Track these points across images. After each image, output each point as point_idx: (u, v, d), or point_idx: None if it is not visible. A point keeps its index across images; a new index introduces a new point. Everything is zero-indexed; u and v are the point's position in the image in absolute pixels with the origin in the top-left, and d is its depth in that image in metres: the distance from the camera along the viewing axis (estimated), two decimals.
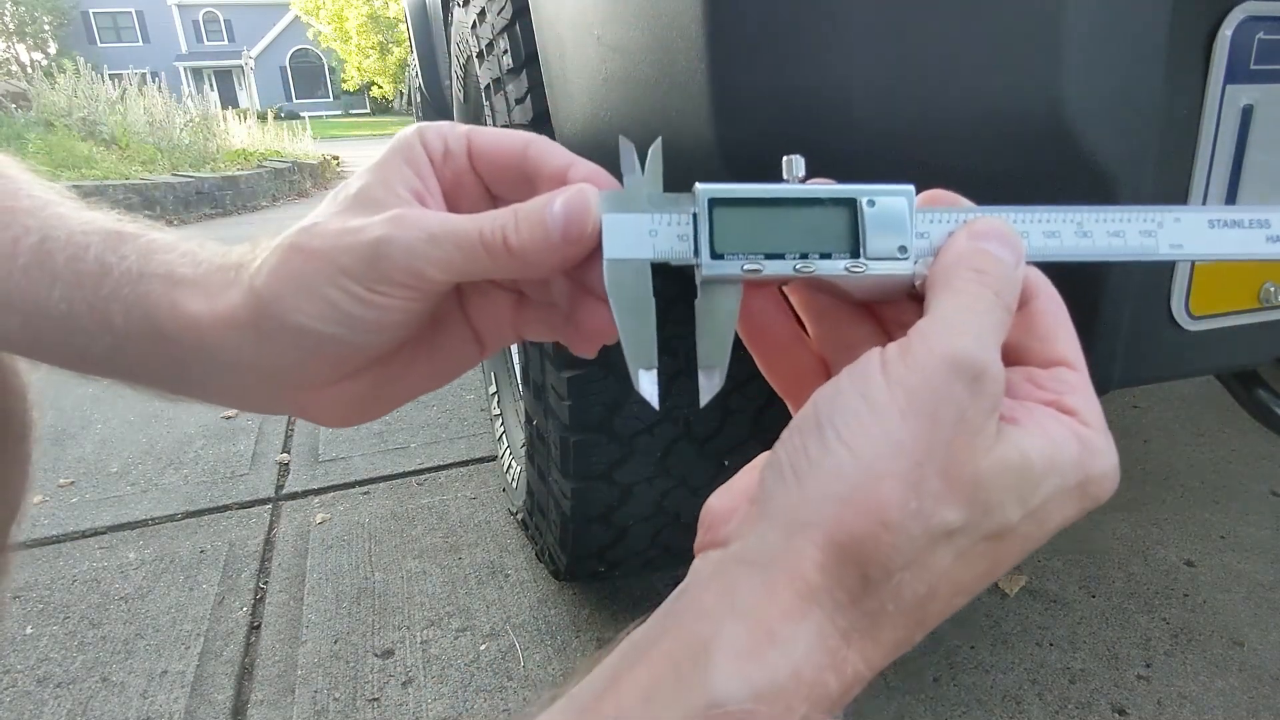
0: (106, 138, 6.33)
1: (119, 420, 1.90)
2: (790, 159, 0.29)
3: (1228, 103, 0.46)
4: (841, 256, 0.28)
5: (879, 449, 0.23)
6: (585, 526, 0.95)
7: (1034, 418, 0.25)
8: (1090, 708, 0.95)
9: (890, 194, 0.28)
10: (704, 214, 0.28)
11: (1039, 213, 0.29)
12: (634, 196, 0.28)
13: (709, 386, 0.29)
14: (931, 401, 0.23)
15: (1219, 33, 0.44)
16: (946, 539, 0.23)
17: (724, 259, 0.27)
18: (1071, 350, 0.27)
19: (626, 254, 0.28)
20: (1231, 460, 1.53)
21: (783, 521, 0.23)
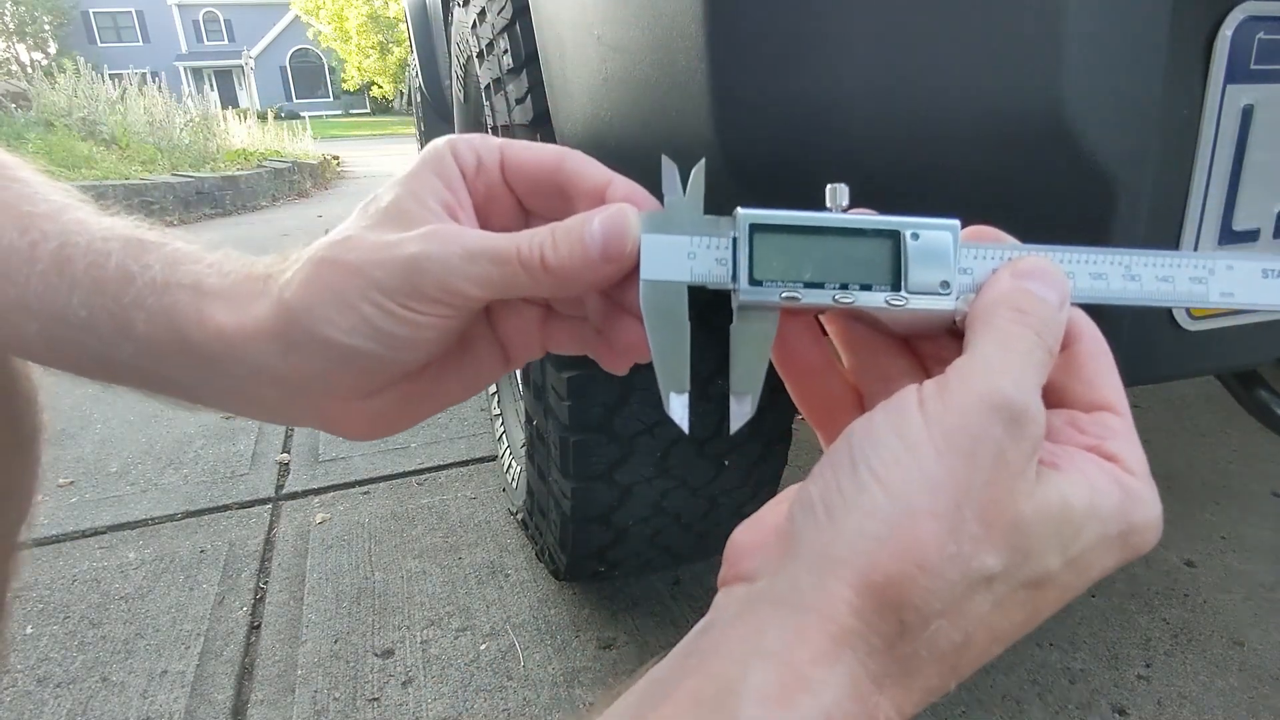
0: (106, 138, 6.33)
1: (119, 420, 1.90)
2: (835, 188, 0.29)
3: (1228, 103, 0.46)
4: (882, 289, 0.27)
5: (915, 488, 0.22)
6: (585, 526, 0.95)
7: (1075, 463, 0.24)
8: (1090, 708, 0.95)
9: (935, 228, 0.28)
10: (744, 239, 0.27)
11: (1086, 254, 0.28)
12: (674, 218, 0.28)
13: (740, 413, 0.28)
14: (969, 442, 0.22)
15: (1219, 33, 0.44)
16: (985, 585, 0.22)
17: (762, 286, 0.27)
18: (1115, 395, 0.26)
19: (664, 275, 0.27)
20: (1231, 460, 1.53)
21: (814, 560, 0.23)
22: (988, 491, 0.22)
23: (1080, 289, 0.28)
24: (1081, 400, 0.26)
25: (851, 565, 0.22)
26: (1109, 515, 0.24)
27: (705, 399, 0.87)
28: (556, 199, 0.31)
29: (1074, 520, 0.23)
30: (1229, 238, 0.50)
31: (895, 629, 0.22)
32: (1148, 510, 0.24)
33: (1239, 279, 0.29)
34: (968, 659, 0.23)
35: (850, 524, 0.22)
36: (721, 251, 0.27)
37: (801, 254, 0.27)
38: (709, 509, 0.98)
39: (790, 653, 0.22)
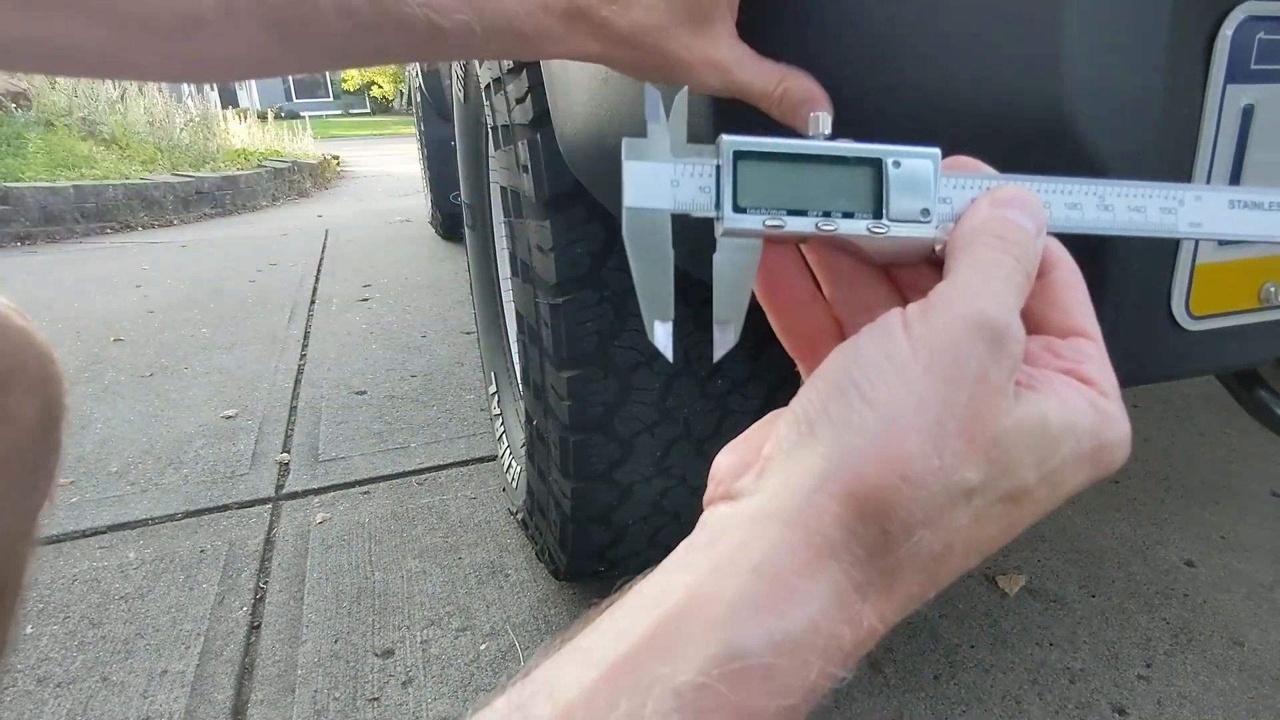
0: (106, 137, 6.33)
1: (119, 420, 1.90)
2: (817, 115, 0.29)
3: (1228, 103, 0.46)
4: (864, 217, 0.28)
5: (901, 405, 0.23)
6: (585, 526, 0.95)
7: (1052, 384, 0.25)
8: (1090, 708, 0.95)
9: (916, 155, 0.28)
10: (728, 166, 0.27)
11: (1062, 184, 0.29)
12: (657, 144, 0.28)
13: (723, 341, 0.28)
14: (954, 360, 0.23)
15: (1219, 32, 0.44)
16: (965, 498, 0.23)
17: (746, 213, 0.27)
18: (1089, 322, 0.27)
19: (647, 203, 0.28)
20: (1231, 460, 1.53)
21: (801, 476, 0.24)
22: (970, 408, 0.23)
23: (1056, 218, 0.29)
24: (1057, 326, 0.27)
25: (837, 479, 0.23)
26: (1083, 433, 0.25)
27: (704, 396, 0.87)
28: None
29: (1051, 437, 0.24)
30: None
31: (879, 539, 0.23)
32: (1118, 428, 0.26)
33: (1207, 210, 0.29)
34: (947, 568, 0.24)
35: (837, 440, 0.23)
36: (705, 179, 0.28)
37: (785, 181, 0.27)
38: None
39: (779, 564, 0.22)
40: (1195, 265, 0.50)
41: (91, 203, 4.94)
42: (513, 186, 0.90)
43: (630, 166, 0.28)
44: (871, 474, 0.23)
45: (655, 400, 0.86)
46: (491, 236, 1.51)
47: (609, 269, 0.79)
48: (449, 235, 3.91)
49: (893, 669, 1.01)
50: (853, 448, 0.23)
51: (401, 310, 2.77)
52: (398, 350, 2.33)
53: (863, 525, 0.23)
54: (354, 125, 25.19)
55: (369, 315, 2.72)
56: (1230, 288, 0.52)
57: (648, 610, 0.23)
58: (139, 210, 5.23)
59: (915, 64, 0.42)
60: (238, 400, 1.99)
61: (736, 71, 0.39)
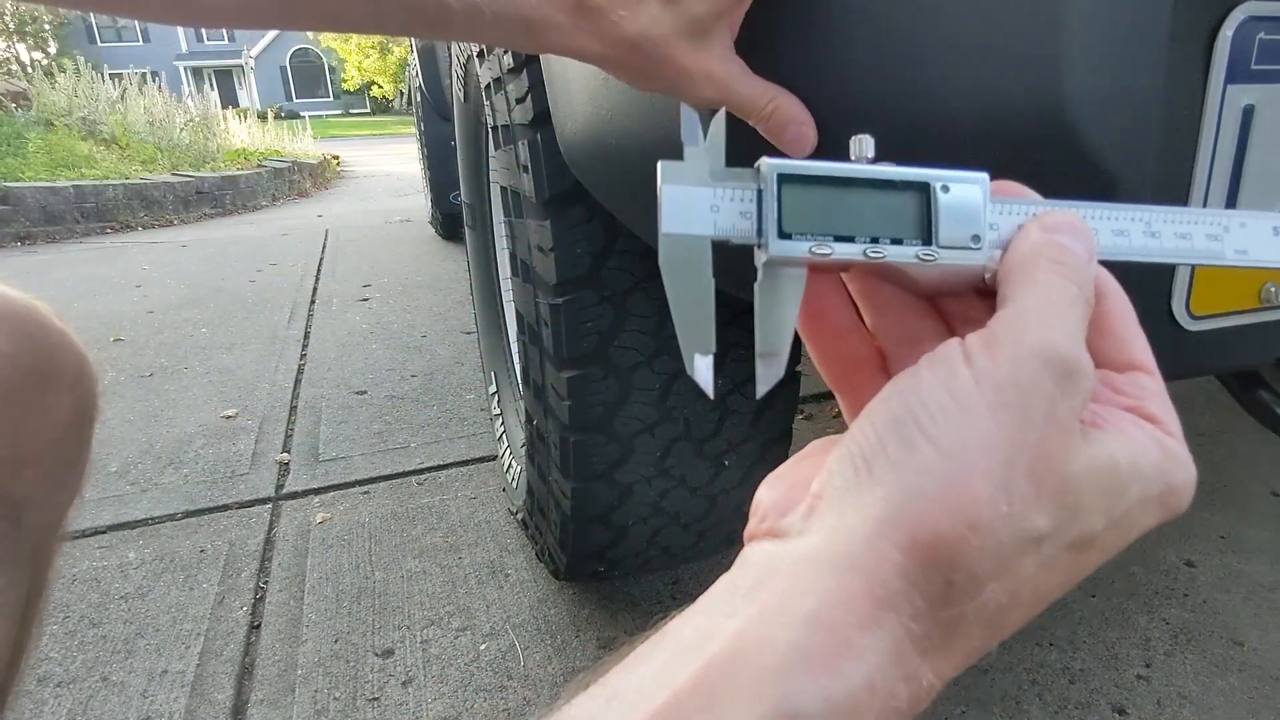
0: (107, 137, 6.33)
1: (119, 420, 1.90)
2: (860, 139, 0.28)
3: (1228, 103, 0.46)
4: (913, 243, 0.26)
5: (967, 446, 0.21)
6: (585, 526, 0.95)
7: (1118, 423, 0.24)
8: (1090, 708, 0.95)
9: (965, 181, 0.27)
10: (771, 190, 0.26)
11: (1109, 210, 0.28)
12: (695, 168, 0.27)
13: (767, 376, 0.27)
14: (1022, 397, 0.22)
15: (1220, 33, 0.44)
16: (1035, 546, 0.22)
17: (791, 239, 0.26)
18: (1146, 354, 0.26)
19: (686, 229, 0.26)
20: (1231, 460, 1.53)
21: (858, 519, 0.22)
22: (1039, 449, 0.22)
23: (1104, 245, 0.27)
24: (1113, 359, 0.26)
25: (900, 525, 0.21)
26: (1151, 475, 0.23)
27: (704, 396, 0.87)
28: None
29: (1120, 480, 0.23)
30: None
31: (942, 591, 0.21)
32: (1186, 471, 0.24)
33: (1251, 237, 0.29)
34: (1011, 620, 0.23)
35: (899, 482, 0.22)
36: (746, 204, 0.26)
37: (830, 206, 0.26)
38: (708, 509, 0.98)
39: (833, 615, 0.21)
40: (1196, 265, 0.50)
41: (91, 202, 4.94)
42: (513, 186, 0.90)
43: (668, 191, 0.26)
44: (937, 521, 0.21)
45: (655, 400, 0.86)
46: (492, 236, 1.51)
47: (609, 269, 0.79)
48: (449, 235, 3.91)
49: None
50: (916, 492, 0.21)
51: (402, 310, 2.77)
52: (398, 350, 2.33)
53: (925, 576, 0.21)
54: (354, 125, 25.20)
55: (369, 315, 2.72)
56: (1231, 288, 0.52)
57: (689, 655, 0.21)
58: (139, 210, 5.23)
59: (914, 65, 0.42)
60: (238, 400, 1.99)
61: (733, 85, 0.40)
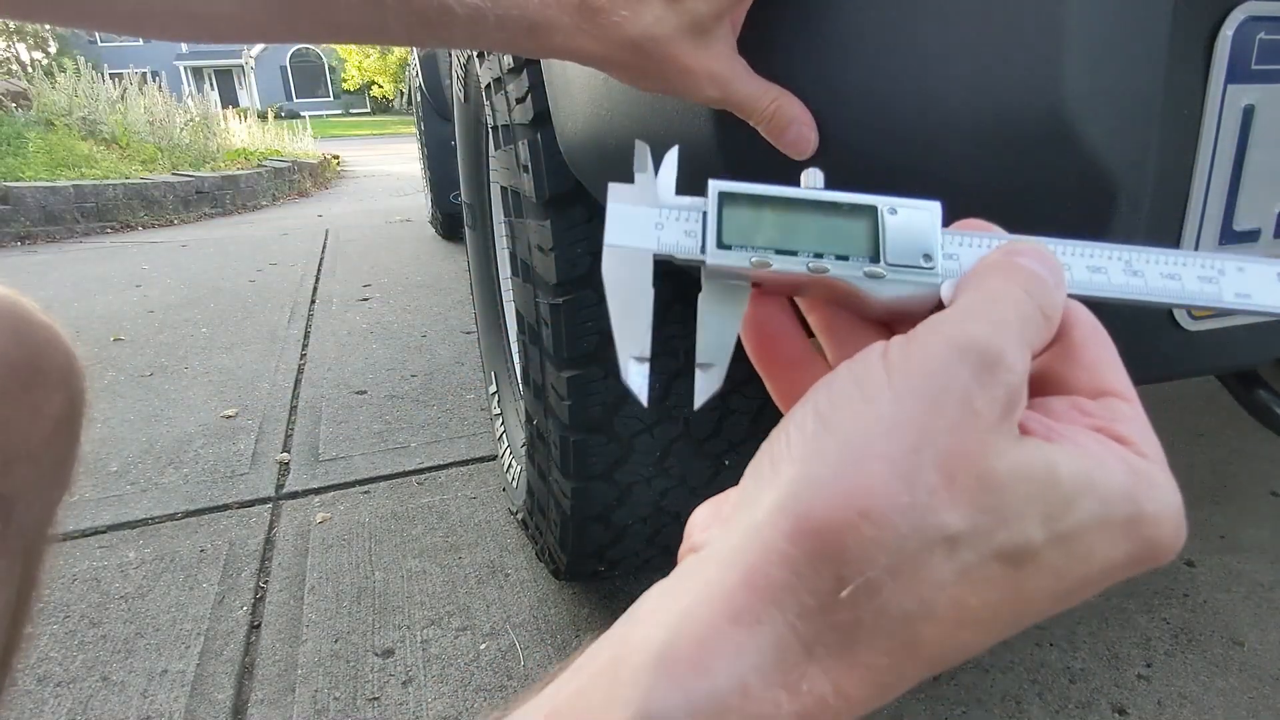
0: (107, 137, 6.33)
1: (119, 419, 1.90)
2: (809, 172, 0.28)
3: (1229, 103, 0.46)
4: (860, 260, 0.26)
5: (868, 432, 0.20)
6: (585, 526, 0.95)
7: (1074, 437, 0.22)
8: (1090, 708, 0.95)
9: (914, 207, 0.26)
10: (713, 204, 0.26)
11: (1081, 246, 0.27)
12: (644, 192, 0.27)
13: (705, 386, 0.27)
14: (931, 386, 0.20)
15: (1220, 33, 0.44)
16: (946, 547, 0.19)
17: (731, 249, 0.26)
18: (1121, 381, 0.24)
19: (629, 242, 0.26)
20: (1231, 460, 1.53)
21: (751, 515, 0.20)
22: (951, 440, 0.19)
23: (1078, 280, 0.27)
24: (1084, 387, 0.24)
25: (788, 512, 0.19)
26: (1112, 495, 0.20)
27: None
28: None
29: (1061, 489, 0.20)
30: (1230, 237, 0.50)
31: (832, 587, 0.19)
32: (1162, 497, 0.21)
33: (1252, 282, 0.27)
34: (928, 636, 0.20)
35: (794, 472, 0.20)
36: (691, 224, 0.26)
37: (774, 224, 0.26)
38: None
39: (707, 610, 0.19)
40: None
41: (91, 202, 4.94)
42: (513, 186, 0.90)
43: (615, 208, 0.27)
44: (826, 507, 0.19)
45: (655, 400, 0.86)
46: (492, 236, 1.51)
47: None
48: (449, 235, 3.91)
49: None
50: (809, 479, 0.20)
51: (402, 310, 2.77)
52: (398, 350, 2.33)
53: (813, 568, 0.19)
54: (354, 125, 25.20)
55: (369, 315, 2.72)
56: None
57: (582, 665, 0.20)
58: (139, 210, 5.23)
59: (915, 65, 0.42)
60: (238, 400, 1.99)
61: (735, 85, 0.40)
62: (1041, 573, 0.20)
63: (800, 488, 0.20)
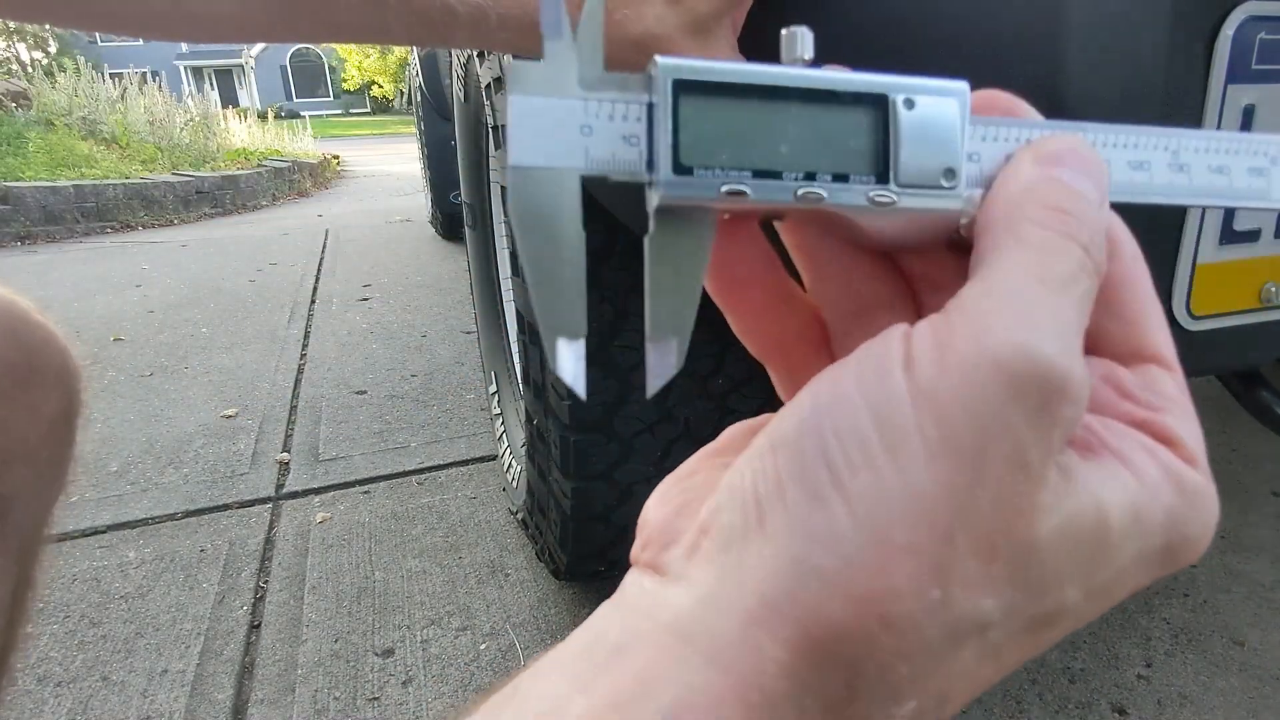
0: (107, 137, 6.33)
1: (119, 419, 1.90)
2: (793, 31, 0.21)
3: (1229, 103, 0.46)
4: (864, 180, 0.19)
5: (890, 508, 0.15)
6: (585, 526, 0.95)
7: (1119, 448, 0.17)
8: (1090, 708, 0.95)
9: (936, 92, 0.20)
10: (666, 104, 0.18)
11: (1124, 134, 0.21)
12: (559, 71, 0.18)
13: (661, 368, 0.19)
14: (975, 437, 0.15)
15: (1220, 33, 0.44)
16: (977, 634, 0.16)
17: (693, 174, 0.18)
18: (1165, 340, 0.19)
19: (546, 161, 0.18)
20: (1231, 460, 1.53)
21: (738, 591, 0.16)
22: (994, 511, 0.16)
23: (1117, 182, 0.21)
24: (1120, 347, 0.19)
25: (785, 614, 0.16)
26: (1155, 526, 0.17)
27: (704, 396, 0.87)
28: None
29: (1109, 540, 0.16)
30: (1230, 237, 0.50)
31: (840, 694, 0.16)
32: (1206, 515, 0.18)
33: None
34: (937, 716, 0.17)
35: (791, 547, 0.16)
36: (631, 123, 0.19)
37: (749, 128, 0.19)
38: None
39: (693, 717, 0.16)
40: (1196, 265, 0.50)
41: (92, 202, 4.95)
42: None
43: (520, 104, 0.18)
44: (836, 611, 0.15)
45: (655, 400, 0.86)
46: (492, 236, 1.51)
47: (609, 269, 0.79)
48: (449, 235, 3.91)
49: None
50: (812, 567, 0.16)
51: (402, 310, 2.77)
52: (398, 350, 2.33)
53: (819, 677, 0.16)
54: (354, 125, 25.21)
55: (369, 315, 2.72)
56: (1231, 288, 0.52)
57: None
58: (139, 210, 5.23)
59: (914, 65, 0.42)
60: (238, 399, 1.99)
61: None
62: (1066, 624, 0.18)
63: (801, 580, 0.16)
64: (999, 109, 0.21)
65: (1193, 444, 0.18)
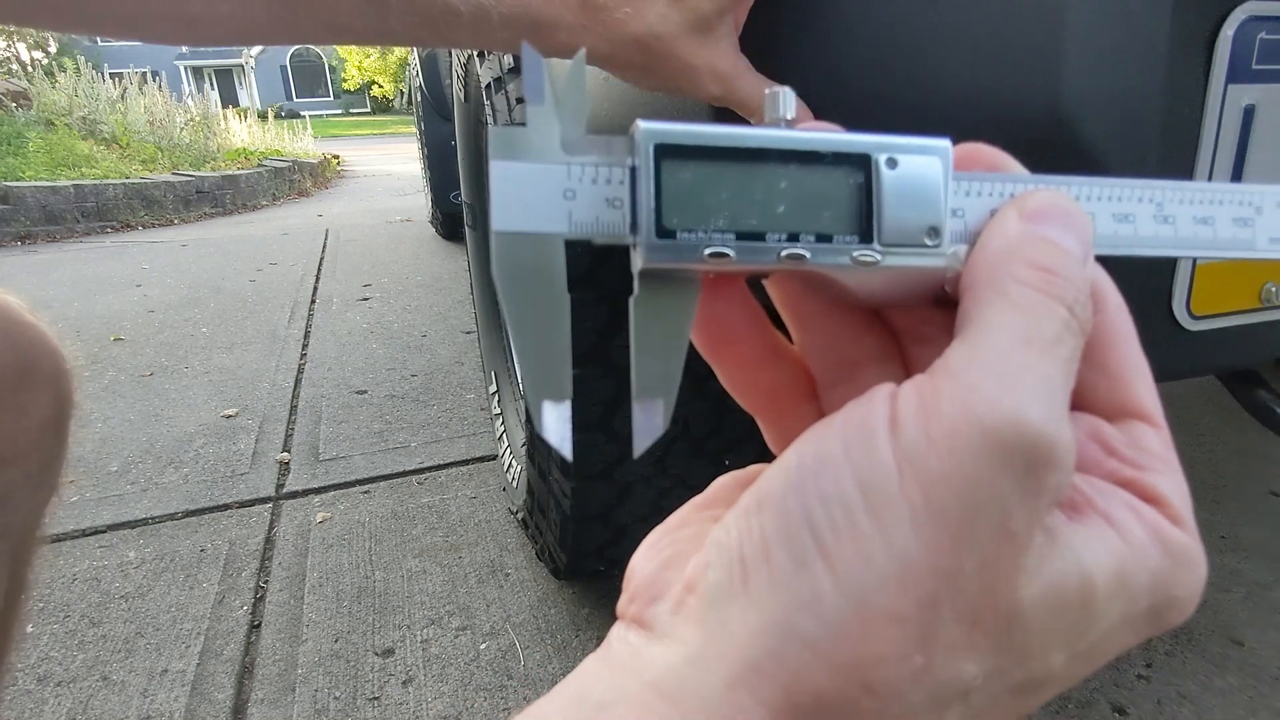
0: (107, 136, 6.33)
1: (119, 419, 1.90)
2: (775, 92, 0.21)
3: (1229, 103, 0.46)
4: (847, 240, 0.19)
5: (875, 576, 0.16)
6: (585, 525, 0.95)
7: (1105, 509, 0.17)
8: (1090, 707, 0.95)
9: (918, 151, 0.20)
10: (648, 168, 0.18)
11: (1109, 187, 0.21)
12: (541, 136, 0.18)
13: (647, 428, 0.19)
14: (963, 505, 0.15)
15: (1221, 33, 0.44)
16: (960, 699, 0.16)
17: (675, 238, 0.18)
18: (1150, 396, 0.19)
19: (528, 225, 0.18)
20: (1231, 460, 1.53)
21: (722, 652, 0.16)
22: (979, 579, 0.16)
23: (1101, 234, 0.21)
24: (1106, 402, 0.19)
25: (768, 677, 0.16)
26: (1141, 589, 0.17)
27: (703, 396, 0.87)
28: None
29: (1094, 605, 0.17)
30: None
31: None
32: (1193, 577, 0.18)
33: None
34: None
35: (776, 613, 0.16)
36: (614, 187, 0.19)
37: (732, 190, 0.19)
38: None
39: None
40: (1196, 265, 0.50)
41: (92, 202, 4.94)
42: None
43: (501, 169, 0.18)
44: (820, 680, 0.15)
45: None
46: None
47: (609, 269, 0.80)
48: (450, 235, 3.91)
49: None
50: (796, 633, 0.16)
51: (402, 309, 2.77)
52: (398, 349, 2.33)
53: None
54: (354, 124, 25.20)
55: (369, 314, 2.72)
56: (1231, 288, 0.52)
57: None
58: (139, 209, 5.23)
59: (915, 65, 0.42)
60: (238, 399, 1.99)
61: (737, 82, 0.40)
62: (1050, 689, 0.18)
63: (784, 645, 0.16)
64: (983, 164, 0.21)
65: (1179, 503, 0.18)
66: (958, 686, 0.16)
